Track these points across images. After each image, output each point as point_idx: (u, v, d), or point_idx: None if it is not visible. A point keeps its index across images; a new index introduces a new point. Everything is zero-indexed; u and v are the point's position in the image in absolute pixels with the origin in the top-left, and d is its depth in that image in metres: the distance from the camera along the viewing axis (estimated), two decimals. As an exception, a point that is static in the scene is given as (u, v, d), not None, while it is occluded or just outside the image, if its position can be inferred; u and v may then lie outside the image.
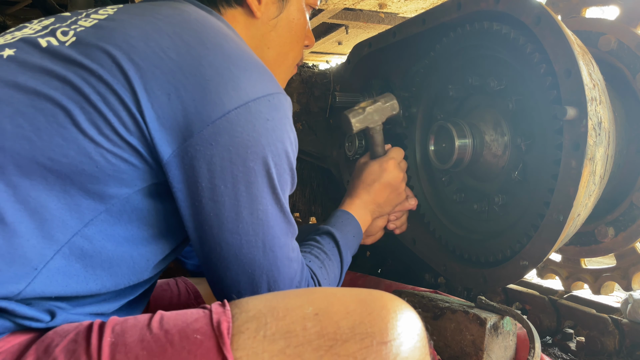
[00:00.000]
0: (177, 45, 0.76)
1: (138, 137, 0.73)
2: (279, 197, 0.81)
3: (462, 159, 1.32)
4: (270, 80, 0.81)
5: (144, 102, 0.73)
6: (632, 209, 1.41)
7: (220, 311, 0.69)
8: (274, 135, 0.79)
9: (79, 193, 0.72)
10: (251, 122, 0.76)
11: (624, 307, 1.46)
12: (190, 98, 0.74)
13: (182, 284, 1.25)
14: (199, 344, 0.65)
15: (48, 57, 0.76)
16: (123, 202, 0.75)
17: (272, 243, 0.81)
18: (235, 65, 0.78)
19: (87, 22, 0.82)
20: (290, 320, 0.67)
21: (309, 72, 2.06)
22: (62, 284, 0.72)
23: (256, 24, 1.00)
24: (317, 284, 0.94)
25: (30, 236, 0.70)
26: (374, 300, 0.70)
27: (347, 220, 1.15)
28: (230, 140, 0.75)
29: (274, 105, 0.79)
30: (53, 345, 0.66)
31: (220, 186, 0.76)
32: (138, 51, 0.75)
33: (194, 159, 0.75)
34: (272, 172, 0.79)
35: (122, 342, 0.65)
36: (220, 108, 0.74)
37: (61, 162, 0.71)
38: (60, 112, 0.72)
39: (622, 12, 1.44)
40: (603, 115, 1.05)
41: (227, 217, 0.78)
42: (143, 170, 0.75)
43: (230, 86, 0.76)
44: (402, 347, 0.66)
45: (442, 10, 1.34)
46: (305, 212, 2.30)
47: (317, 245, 1.04)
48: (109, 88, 0.73)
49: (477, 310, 1.06)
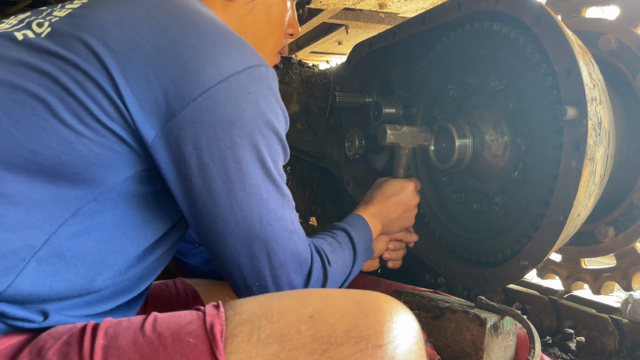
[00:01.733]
0: (152, 27, 0.76)
1: (120, 124, 0.73)
2: (269, 169, 0.81)
3: (463, 159, 1.32)
4: (249, 53, 0.80)
5: (123, 87, 0.72)
6: (632, 209, 1.41)
7: (214, 313, 0.68)
8: (258, 108, 0.78)
9: (64, 184, 0.72)
10: (233, 96, 0.76)
11: (624, 307, 1.46)
12: (169, 79, 0.73)
13: (181, 285, 1.25)
14: (192, 347, 0.64)
15: (24, 49, 0.76)
16: (110, 190, 0.75)
17: (268, 216, 0.81)
18: (212, 41, 0.77)
19: (61, 12, 0.81)
20: (285, 323, 0.66)
21: (309, 72, 2.06)
22: (50, 275, 0.72)
23: (232, 7, 0.99)
24: (327, 263, 0.92)
25: (17, 228, 0.69)
26: (370, 302, 0.69)
27: (362, 223, 1.15)
28: (213, 117, 0.74)
29: (256, 78, 0.78)
30: (46, 347, 0.66)
31: (209, 163, 0.76)
32: (113, 36, 0.74)
33: (179, 138, 0.74)
34: (260, 145, 0.78)
35: (115, 345, 0.65)
36: (200, 86, 0.74)
37: (43, 154, 0.71)
38: (39, 103, 0.71)
39: (622, 12, 1.44)
40: (603, 115, 1.05)
41: (219, 194, 0.77)
42: (129, 157, 0.75)
43: (209, 63, 0.75)
44: (397, 350, 0.66)
45: (442, 10, 1.34)
46: (305, 212, 2.29)
47: (331, 235, 1.03)
48: (87, 76, 0.72)
49: (477, 310, 1.06)
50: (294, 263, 0.84)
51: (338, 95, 1.72)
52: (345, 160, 1.87)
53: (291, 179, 2.28)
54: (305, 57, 3.89)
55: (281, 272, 0.83)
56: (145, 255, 0.83)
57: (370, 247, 1.15)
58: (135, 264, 0.82)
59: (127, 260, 0.80)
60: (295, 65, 2.06)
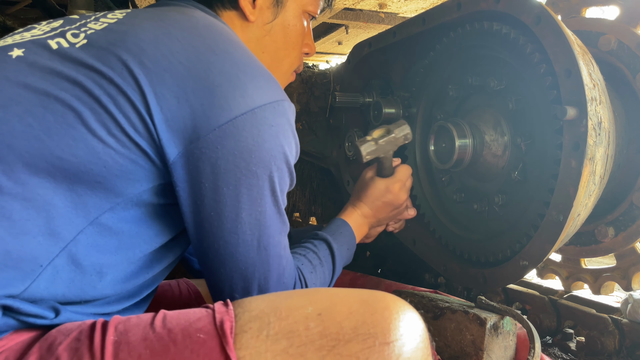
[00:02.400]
0: (186, 50, 0.78)
1: (146, 139, 0.75)
2: (277, 198, 0.84)
3: (463, 159, 1.32)
4: (275, 88, 0.83)
5: (153, 105, 0.74)
6: (632, 209, 1.41)
7: (223, 310, 0.69)
8: (277, 141, 0.81)
9: (85, 192, 0.74)
10: (256, 127, 0.78)
11: (624, 307, 1.46)
12: (199, 102, 0.76)
13: (184, 285, 1.25)
14: (202, 343, 0.65)
15: (58, 58, 0.77)
16: (127, 201, 0.77)
17: (267, 242, 0.83)
18: (243, 72, 0.80)
19: (97, 25, 0.83)
20: (293, 320, 0.67)
21: (309, 72, 2.06)
22: (66, 282, 0.73)
23: (251, 28, 1.02)
24: (305, 287, 0.95)
25: (37, 233, 0.71)
26: (377, 301, 0.71)
27: (346, 231, 1.17)
28: (235, 145, 0.77)
29: (279, 112, 0.81)
30: (56, 343, 0.66)
31: (223, 188, 0.78)
32: (148, 55, 0.77)
33: (199, 160, 0.77)
34: (273, 175, 0.81)
35: (125, 341, 0.65)
36: (227, 113, 0.76)
37: (70, 161, 0.72)
38: (70, 112, 0.73)
39: (622, 12, 1.44)
40: (603, 115, 1.05)
41: (227, 217, 0.80)
42: (149, 171, 0.77)
43: (238, 92, 0.78)
44: (404, 347, 0.67)
45: (442, 10, 1.34)
46: (305, 212, 2.30)
47: (313, 250, 1.05)
48: (119, 90, 0.74)
49: (477, 310, 1.06)
50: (279, 286, 0.87)
51: (338, 95, 1.72)
52: (345, 160, 1.87)
53: (291, 179, 2.28)
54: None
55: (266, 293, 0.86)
56: (151, 264, 0.85)
57: (352, 254, 1.17)
58: (142, 272, 0.83)
59: (135, 268, 0.82)
60: (295, 65, 2.06)
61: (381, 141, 1.20)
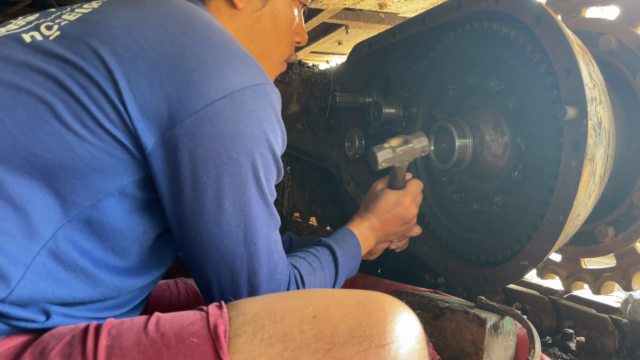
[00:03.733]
0: (160, 36, 0.75)
1: (122, 129, 0.73)
2: (262, 188, 0.80)
3: (463, 159, 1.32)
4: (256, 71, 0.80)
5: (126, 92, 0.72)
6: (632, 209, 1.41)
7: (217, 314, 0.68)
8: (259, 127, 0.77)
9: (64, 188, 0.72)
10: (236, 112, 0.75)
11: (624, 307, 1.46)
12: (174, 88, 0.73)
13: (182, 285, 1.25)
14: (195, 348, 0.64)
15: (31, 52, 0.75)
16: (108, 197, 0.75)
17: (254, 235, 0.81)
18: (220, 55, 0.77)
19: (71, 16, 0.81)
20: (288, 323, 0.67)
21: (309, 72, 2.06)
22: (51, 280, 0.72)
23: (240, 16, 0.98)
24: (302, 286, 0.92)
25: (16, 232, 0.69)
26: (373, 302, 0.70)
27: (351, 240, 1.13)
28: (213, 131, 0.74)
29: (260, 96, 0.78)
30: (49, 348, 0.65)
31: (203, 177, 0.75)
32: (120, 42, 0.74)
33: (177, 149, 0.74)
34: (257, 163, 0.78)
35: (118, 346, 0.65)
36: (204, 98, 0.73)
37: (45, 157, 0.71)
38: (42, 106, 0.71)
39: (622, 12, 1.44)
40: (603, 115, 1.05)
41: (209, 208, 0.77)
42: (129, 163, 0.75)
43: (215, 76, 0.75)
44: (400, 349, 0.66)
45: (442, 10, 1.34)
46: (305, 212, 2.30)
47: (314, 254, 1.02)
48: (91, 80, 0.72)
49: (477, 310, 1.06)
50: (272, 283, 0.85)
51: (338, 95, 1.72)
52: (345, 160, 1.87)
53: (291, 179, 2.28)
54: (305, 57, 3.90)
55: (258, 291, 0.83)
56: (142, 264, 0.83)
57: (357, 266, 1.14)
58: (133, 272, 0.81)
59: (124, 266, 0.80)
60: (295, 65, 2.06)
61: (399, 150, 1.16)
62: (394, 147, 1.16)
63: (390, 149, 1.16)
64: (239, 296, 0.83)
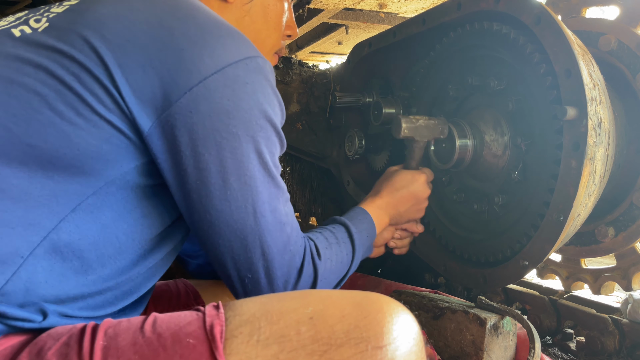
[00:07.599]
0: (149, 20, 0.76)
1: (117, 114, 0.73)
2: (265, 161, 0.80)
3: (463, 159, 1.32)
4: (246, 45, 0.80)
5: (119, 77, 0.72)
6: (632, 209, 1.41)
7: (214, 314, 0.68)
8: (255, 99, 0.77)
9: (64, 178, 0.72)
10: (229, 86, 0.75)
11: (624, 307, 1.46)
12: (166, 68, 0.73)
13: (182, 285, 1.25)
14: (191, 348, 0.64)
15: (21, 45, 0.76)
16: (109, 184, 0.75)
17: (262, 208, 0.80)
18: (209, 33, 0.77)
19: (59, 9, 0.82)
20: (284, 325, 0.66)
21: (309, 72, 2.06)
22: (47, 272, 0.72)
23: (229, 8, 0.99)
24: (318, 258, 0.91)
25: (16, 224, 0.69)
26: (370, 304, 0.69)
27: (365, 218, 1.12)
28: (209, 107, 0.74)
29: (252, 68, 0.78)
30: (46, 348, 0.65)
31: (204, 154, 0.75)
32: (109, 28, 0.75)
33: (175, 127, 0.74)
34: (257, 136, 0.78)
35: (115, 346, 0.65)
36: (196, 75, 0.74)
37: (41, 147, 0.71)
38: (35, 97, 0.71)
39: (622, 12, 1.44)
40: (603, 115, 1.05)
41: (214, 184, 0.77)
42: (127, 149, 0.75)
43: (206, 53, 0.75)
44: (397, 351, 0.65)
45: (442, 10, 1.34)
46: (305, 212, 2.30)
47: (330, 229, 1.01)
48: (82, 67, 0.72)
49: (477, 310, 1.06)
50: (286, 255, 0.84)
51: (338, 95, 1.72)
52: (345, 160, 1.87)
53: (291, 179, 2.28)
54: (305, 57, 3.89)
55: (274, 264, 0.82)
56: (145, 255, 0.82)
57: (372, 244, 1.13)
58: (136, 264, 0.81)
59: (127, 259, 0.80)
60: (295, 65, 2.06)
61: (422, 121, 1.25)
62: (417, 118, 1.26)
63: (414, 118, 1.26)
64: (256, 272, 0.82)
